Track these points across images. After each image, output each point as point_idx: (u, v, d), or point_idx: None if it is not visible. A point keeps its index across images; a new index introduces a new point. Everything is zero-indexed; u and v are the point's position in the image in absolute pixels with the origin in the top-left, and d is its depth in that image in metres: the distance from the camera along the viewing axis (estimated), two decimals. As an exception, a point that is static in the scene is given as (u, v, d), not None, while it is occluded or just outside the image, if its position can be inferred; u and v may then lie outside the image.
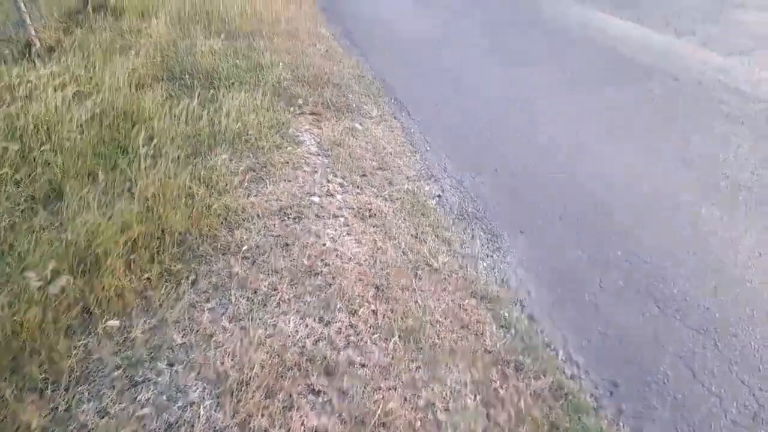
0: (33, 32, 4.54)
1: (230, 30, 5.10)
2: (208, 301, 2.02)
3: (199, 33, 4.98)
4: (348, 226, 2.48)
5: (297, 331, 1.90)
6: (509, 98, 3.76)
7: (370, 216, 2.57)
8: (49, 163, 2.89)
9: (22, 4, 4.43)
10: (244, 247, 2.27)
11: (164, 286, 2.06)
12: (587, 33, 4.64)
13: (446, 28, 5.40)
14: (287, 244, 2.31)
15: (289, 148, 3.09)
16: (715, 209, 2.61)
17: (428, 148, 3.31)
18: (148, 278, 2.09)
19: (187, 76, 4.00)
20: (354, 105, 3.79)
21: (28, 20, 4.49)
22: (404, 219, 2.58)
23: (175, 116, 3.32)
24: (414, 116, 3.72)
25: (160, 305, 1.98)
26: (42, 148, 2.98)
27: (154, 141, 3.07)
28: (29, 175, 2.82)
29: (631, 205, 2.65)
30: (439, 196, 2.83)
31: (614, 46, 4.30)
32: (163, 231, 2.31)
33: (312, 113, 3.64)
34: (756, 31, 4.38)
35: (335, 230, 2.44)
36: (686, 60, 3.96)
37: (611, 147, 3.05)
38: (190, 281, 2.10)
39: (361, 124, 3.54)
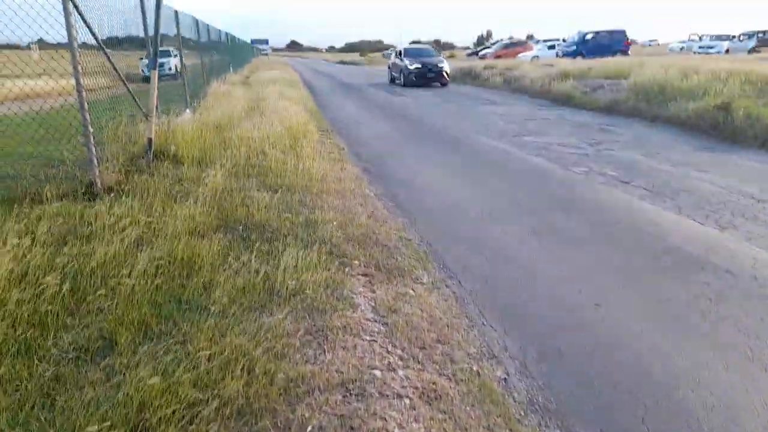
0: (97, 173, 4.78)
1: (282, 185, 5.33)
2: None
3: (254, 185, 5.22)
4: (414, 410, 2.28)
5: None
6: (561, 277, 3.74)
7: (436, 399, 2.39)
8: (102, 310, 2.81)
9: (93, 147, 4.72)
10: (308, 429, 2.07)
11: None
12: (632, 219, 4.78)
13: (487, 201, 5.61)
14: (352, 428, 2.11)
15: (346, 312, 3.01)
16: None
17: (484, 322, 3.20)
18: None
19: (242, 228, 4.08)
20: (405, 269, 3.77)
21: (95, 161, 4.75)
22: (473, 406, 2.38)
23: (232, 269, 3.31)
24: (465, 285, 3.67)
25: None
26: (97, 293, 2.93)
27: (211, 293, 3.02)
28: (80, 321, 2.73)
29: (716, 411, 2.44)
30: (504, 379, 2.66)
31: (661, 235, 4.39)
32: (219, 399, 2.14)
33: (364, 274, 3.61)
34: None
35: (401, 414, 2.24)
36: (735, 254, 3.99)
37: (680, 344, 2.92)
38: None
39: (413, 290, 3.49)
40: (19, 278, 2.98)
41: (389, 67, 23.35)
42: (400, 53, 21.15)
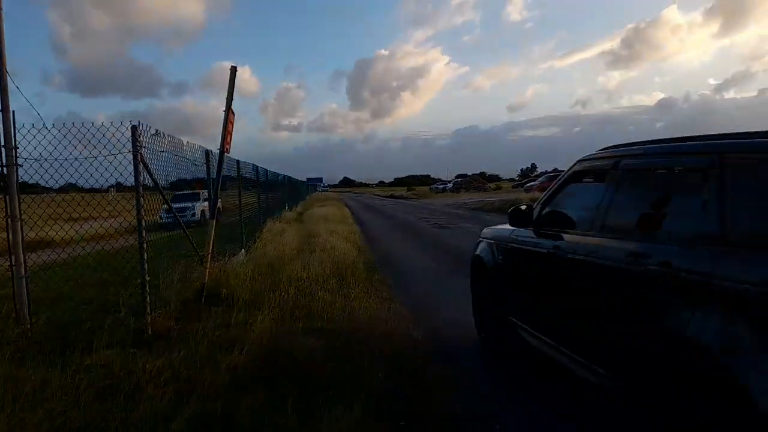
0: (149, 320, 4.84)
1: (329, 328, 5.22)
2: None
3: (301, 330, 5.13)
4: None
5: None
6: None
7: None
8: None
9: (147, 296, 4.83)
10: None
11: None
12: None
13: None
14: None
15: None
16: None
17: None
18: None
19: (285, 380, 3.91)
20: None
21: (148, 309, 4.84)
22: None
23: None
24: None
25: None
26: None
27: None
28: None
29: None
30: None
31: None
32: None
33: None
34: None
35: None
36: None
37: None
38: None
39: None
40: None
41: None
42: None
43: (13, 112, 4.44)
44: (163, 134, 5.35)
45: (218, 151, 6.10)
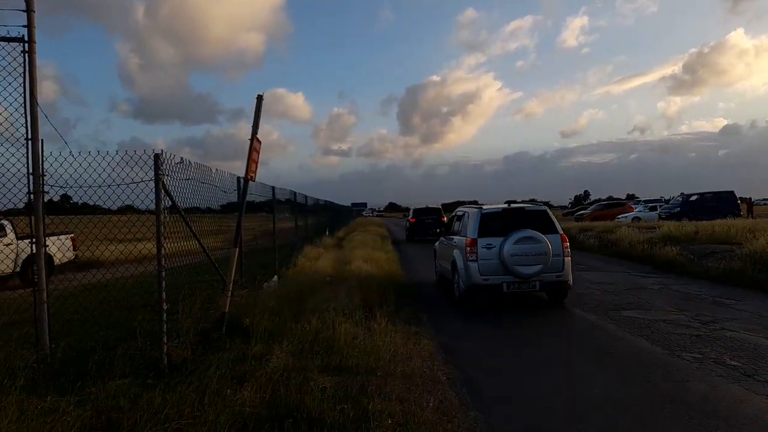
0: (164, 350, 4.77)
1: (347, 365, 5.02)
2: None
3: (317, 366, 4.95)
4: None
5: None
6: None
7: None
8: None
9: (164, 325, 4.78)
10: None
11: None
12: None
13: (579, 399, 4.86)
14: None
15: None
16: None
17: None
18: None
19: (290, 421, 3.72)
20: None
21: (164, 339, 4.78)
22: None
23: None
24: None
25: None
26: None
27: None
28: None
29: None
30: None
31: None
32: None
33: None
34: None
35: None
36: None
37: None
38: None
39: None
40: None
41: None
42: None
43: (42, 140, 4.55)
44: (189, 162, 5.37)
45: (243, 179, 6.10)
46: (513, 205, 9.36)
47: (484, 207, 9.54)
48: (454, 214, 10.98)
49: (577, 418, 4.25)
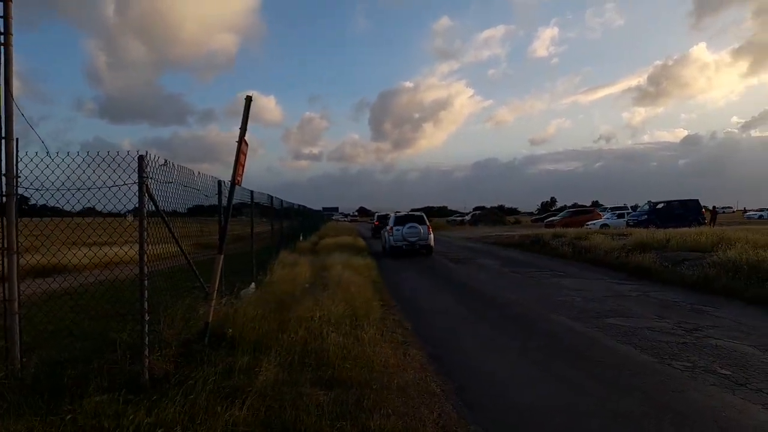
0: (146, 364, 4.48)
1: (340, 378, 4.82)
2: None
3: (309, 379, 4.74)
4: None
5: None
6: None
7: None
8: None
9: (146, 337, 4.49)
10: None
11: None
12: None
13: (571, 405, 4.80)
14: None
15: None
16: None
17: None
18: None
19: (289, 441, 3.52)
20: None
21: (146, 352, 4.49)
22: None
23: None
24: None
25: None
26: None
27: None
28: None
29: None
30: None
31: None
32: None
33: None
34: None
35: None
36: None
37: None
38: None
39: None
40: None
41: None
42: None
43: (17, 140, 4.23)
44: (173, 164, 5.10)
45: (230, 182, 5.84)
46: (410, 212, 21.83)
47: (397, 213, 22.58)
48: (386, 215, 27.95)
49: (573, 428, 4.17)
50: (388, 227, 20.96)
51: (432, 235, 20.26)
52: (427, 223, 20.20)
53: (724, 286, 10.06)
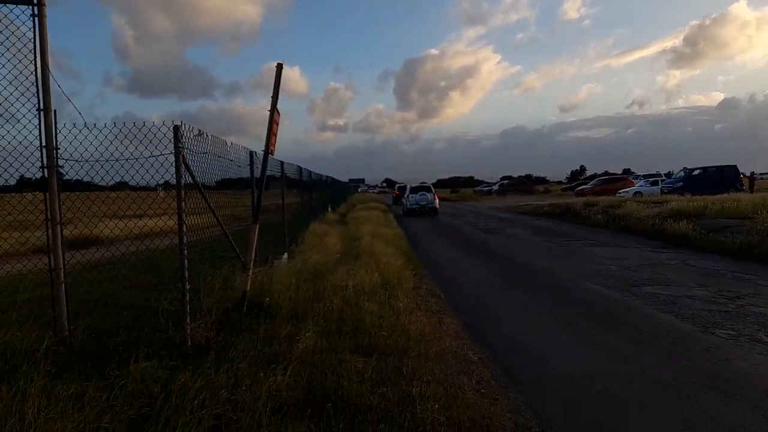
0: (188, 331, 4.58)
1: (378, 346, 4.84)
2: None
3: (347, 347, 4.77)
4: None
5: None
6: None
7: None
8: None
9: (187, 306, 4.57)
10: None
11: None
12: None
13: (617, 375, 4.73)
14: None
15: None
16: None
17: None
18: None
19: (330, 405, 3.55)
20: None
21: (188, 320, 4.58)
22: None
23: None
24: None
25: None
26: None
27: None
28: None
29: None
30: None
31: None
32: None
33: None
34: None
35: None
36: None
37: None
38: None
39: None
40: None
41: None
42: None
43: (55, 111, 4.26)
44: (207, 135, 5.09)
45: (262, 152, 5.82)
46: (420, 184, 30.36)
47: (412, 185, 30.41)
48: (404, 186, 37.79)
49: (615, 395, 4.11)
50: (405, 195, 29.85)
51: (437, 200, 28.49)
52: (433, 192, 28.59)
53: (767, 252, 9.73)
